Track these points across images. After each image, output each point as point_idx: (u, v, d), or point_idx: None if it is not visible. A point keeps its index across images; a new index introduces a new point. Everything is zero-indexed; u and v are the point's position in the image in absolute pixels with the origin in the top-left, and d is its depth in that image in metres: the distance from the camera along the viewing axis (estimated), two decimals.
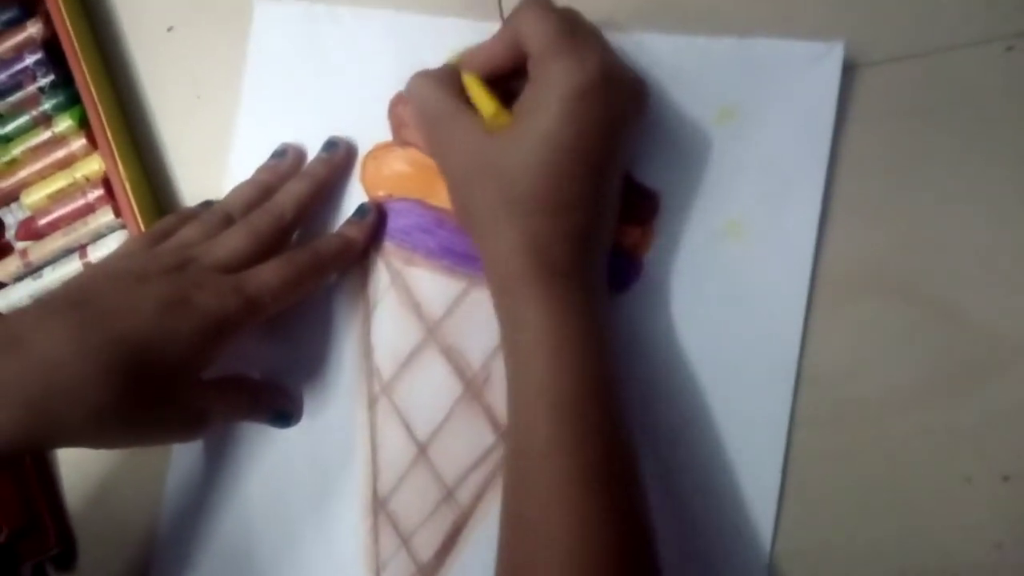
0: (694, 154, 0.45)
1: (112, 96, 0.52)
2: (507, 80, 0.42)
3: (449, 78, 0.43)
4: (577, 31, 0.39)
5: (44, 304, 0.40)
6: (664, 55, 0.45)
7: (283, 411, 0.48)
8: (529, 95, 0.40)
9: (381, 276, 0.48)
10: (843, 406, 0.43)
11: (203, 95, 0.52)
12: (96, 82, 0.50)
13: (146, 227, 0.48)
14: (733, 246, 0.44)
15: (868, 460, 0.43)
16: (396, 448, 0.47)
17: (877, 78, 0.44)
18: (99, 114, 0.49)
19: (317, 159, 0.48)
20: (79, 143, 0.50)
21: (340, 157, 0.48)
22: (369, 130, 0.48)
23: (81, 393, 0.37)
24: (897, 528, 0.42)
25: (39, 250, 0.51)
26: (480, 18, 0.47)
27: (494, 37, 0.42)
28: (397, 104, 0.48)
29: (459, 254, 0.46)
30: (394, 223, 0.48)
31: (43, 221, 0.51)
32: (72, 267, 0.49)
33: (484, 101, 0.42)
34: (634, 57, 0.44)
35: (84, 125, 0.50)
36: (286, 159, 0.48)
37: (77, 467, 0.52)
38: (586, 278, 0.40)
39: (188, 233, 0.44)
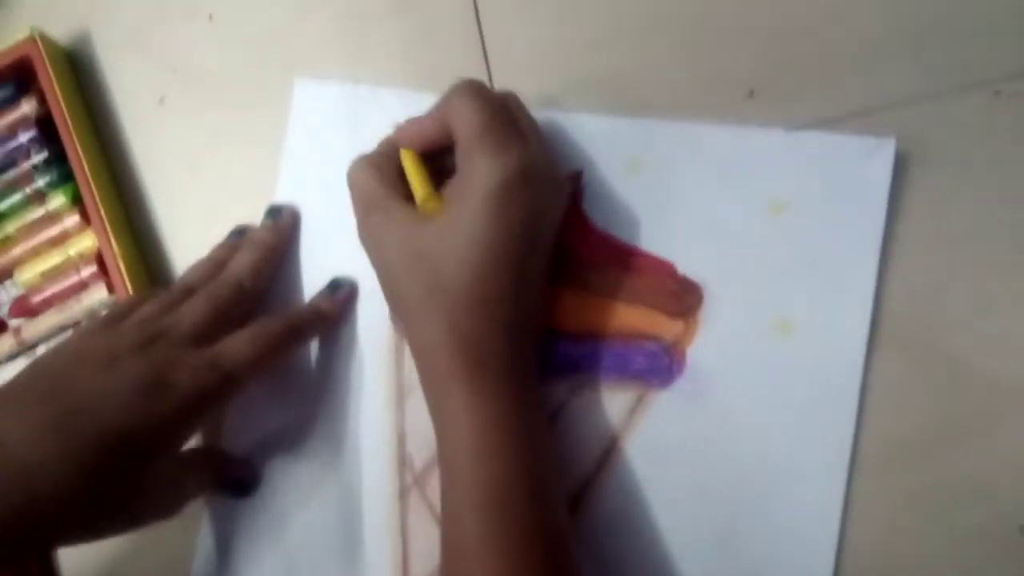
0: (742, 247, 0.44)
1: (105, 172, 0.52)
2: (446, 153, 0.42)
3: (387, 161, 0.43)
4: (502, 125, 0.39)
5: (14, 397, 0.39)
6: (713, 143, 0.45)
7: (243, 481, 0.47)
8: (455, 186, 0.40)
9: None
10: (897, 510, 0.42)
11: (195, 166, 0.52)
12: (89, 158, 0.50)
13: None
14: (782, 344, 0.43)
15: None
16: (427, 542, 0.46)
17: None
18: (92, 191, 0.49)
19: (262, 227, 0.48)
20: (72, 220, 0.50)
21: (284, 223, 0.49)
22: None
23: (63, 496, 0.36)
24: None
25: (33, 328, 0.51)
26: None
27: (429, 113, 0.42)
28: None
29: None
30: None
31: (37, 298, 0.51)
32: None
33: (416, 184, 0.42)
34: (684, 146, 0.45)
35: (77, 202, 0.50)
36: (244, 237, 0.48)
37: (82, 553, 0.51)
38: (514, 373, 0.39)
39: (148, 309, 0.43)
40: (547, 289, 0.45)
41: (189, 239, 0.51)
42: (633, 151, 0.46)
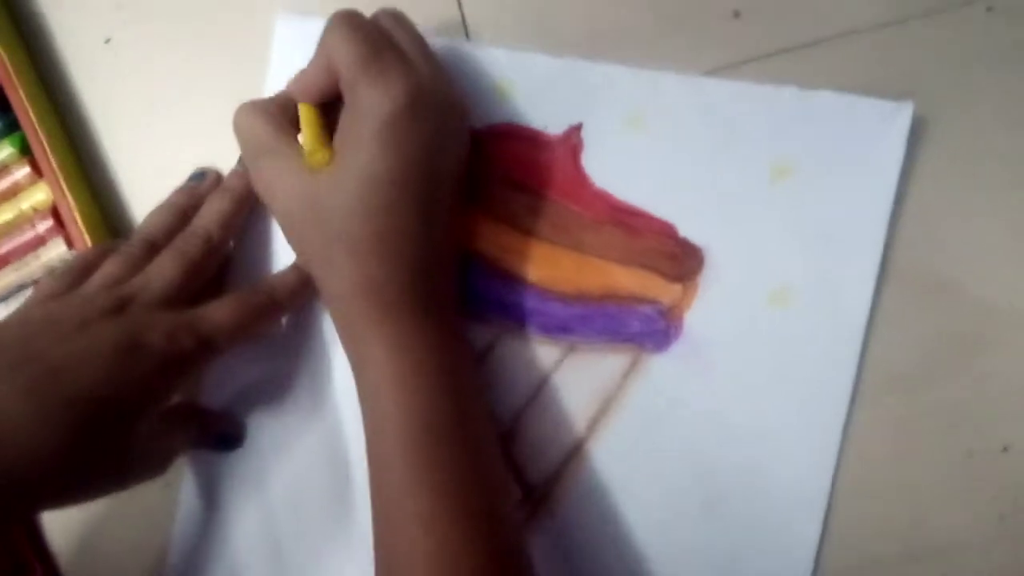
0: (744, 211, 0.43)
1: (54, 120, 0.48)
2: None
3: (279, 108, 0.41)
4: (379, 52, 0.37)
5: None
6: (720, 100, 0.43)
7: (227, 435, 0.46)
8: (343, 127, 0.38)
9: None
10: (888, 499, 0.43)
11: (150, 109, 0.49)
12: (35, 106, 0.46)
13: None
14: (780, 313, 0.42)
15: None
16: None
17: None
18: (41, 140, 0.45)
19: (233, 173, 0.46)
20: (23, 172, 0.47)
21: None
22: None
23: (42, 462, 0.35)
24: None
25: None
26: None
27: (312, 60, 0.40)
28: None
29: (490, 302, 0.45)
30: None
31: None
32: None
33: (305, 136, 0.40)
34: (691, 101, 0.43)
35: (26, 152, 0.47)
36: (204, 181, 0.46)
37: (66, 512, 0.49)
38: (429, 312, 0.39)
39: (112, 269, 0.42)
40: (461, 218, 0.44)
41: (148, 188, 0.48)
42: (636, 104, 0.44)
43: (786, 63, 0.43)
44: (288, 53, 0.46)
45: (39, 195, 0.47)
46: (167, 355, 0.38)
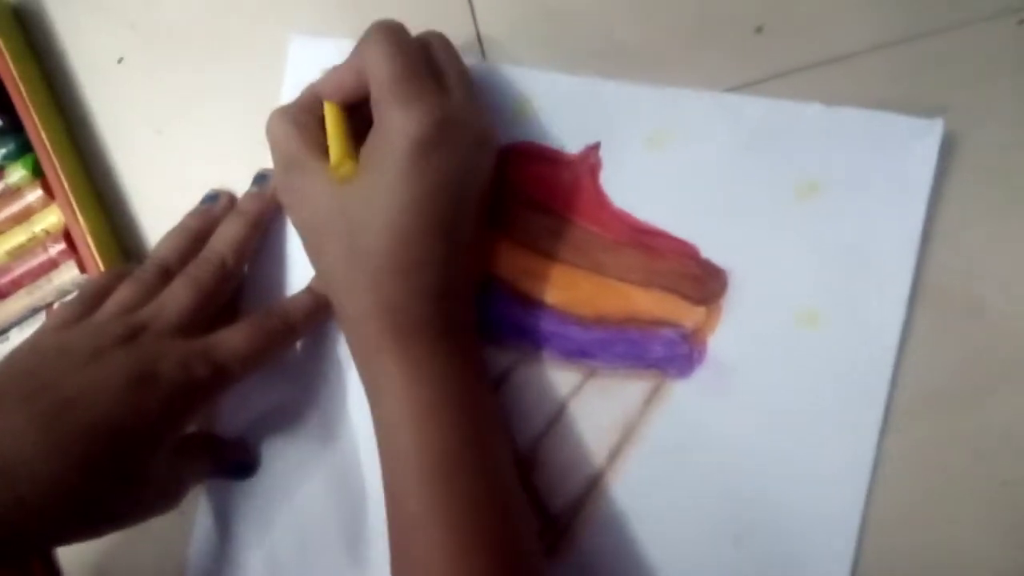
0: (769, 230, 0.42)
1: (66, 141, 0.48)
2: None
3: (306, 113, 0.40)
4: (416, 74, 0.37)
5: None
6: (743, 117, 0.42)
7: (242, 464, 0.46)
8: (371, 144, 0.38)
9: None
10: (920, 530, 0.41)
11: (163, 130, 0.48)
12: (47, 127, 0.46)
13: None
14: (808, 336, 0.41)
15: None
16: None
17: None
18: (53, 162, 0.45)
19: (248, 196, 0.45)
20: (35, 194, 0.47)
21: (271, 191, 0.45)
22: None
23: (57, 496, 0.34)
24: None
25: (3, 311, 0.47)
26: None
27: (346, 62, 0.39)
28: None
29: (507, 326, 0.44)
30: None
31: (4, 279, 0.47)
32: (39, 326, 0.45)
33: (332, 145, 0.39)
34: (712, 118, 0.42)
35: (39, 175, 0.47)
36: (217, 204, 0.46)
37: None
38: (447, 339, 0.38)
39: (125, 295, 0.41)
40: (482, 243, 0.43)
41: (161, 209, 0.47)
42: (656, 123, 0.42)
43: (811, 79, 0.42)
44: (302, 73, 0.46)
45: (51, 218, 0.47)
46: (181, 385, 0.37)
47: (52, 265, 0.47)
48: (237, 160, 0.46)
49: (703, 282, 0.42)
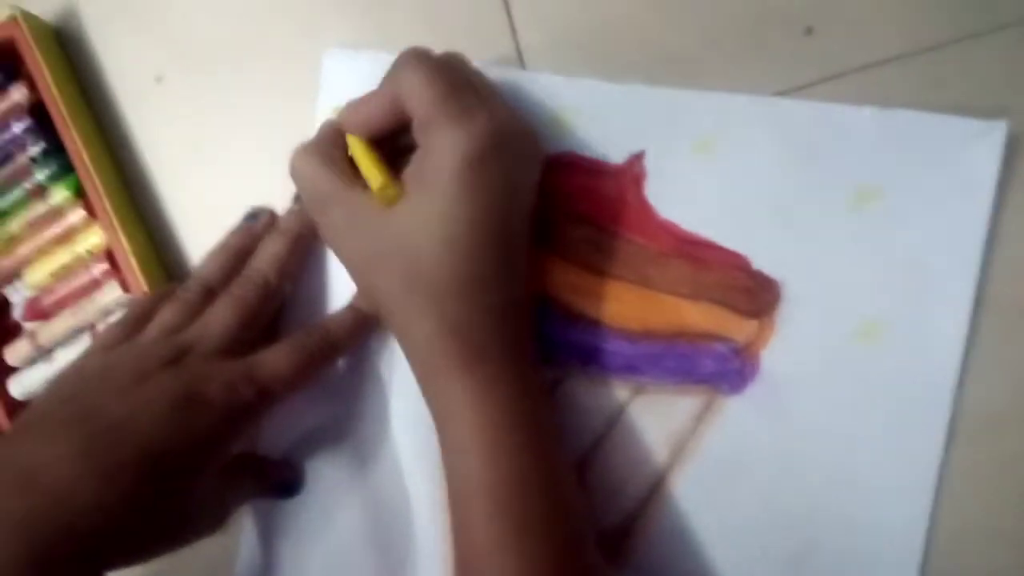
0: (824, 240, 0.40)
1: (108, 161, 0.48)
2: (396, 135, 0.39)
3: (331, 148, 0.40)
4: (460, 90, 0.36)
5: (40, 423, 0.36)
6: (794, 122, 0.41)
7: (287, 483, 0.45)
8: (418, 166, 0.37)
9: None
10: (988, 548, 0.40)
11: (203, 148, 0.48)
12: (89, 147, 0.46)
13: None
14: (868, 350, 0.40)
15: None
16: None
17: None
18: (95, 183, 0.45)
19: (289, 213, 0.45)
20: (78, 215, 0.47)
21: None
22: None
23: (102, 523, 0.34)
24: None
25: (48, 331, 0.47)
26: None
27: (375, 93, 0.39)
28: None
29: (552, 341, 0.43)
30: None
31: (49, 300, 0.47)
32: (84, 347, 0.46)
33: (371, 172, 0.38)
34: (762, 124, 0.41)
35: (81, 195, 0.47)
36: (259, 221, 0.45)
37: None
38: (513, 358, 0.37)
39: (169, 317, 0.41)
40: (535, 257, 0.42)
41: (203, 228, 0.48)
42: (703, 129, 0.41)
43: (864, 81, 0.41)
44: (336, 88, 0.45)
45: (94, 238, 0.47)
46: (226, 407, 0.37)
47: (95, 285, 0.47)
48: (278, 176, 0.44)
49: (755, 294, 0.41)
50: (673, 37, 0.43)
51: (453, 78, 0.37)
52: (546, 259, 0.43)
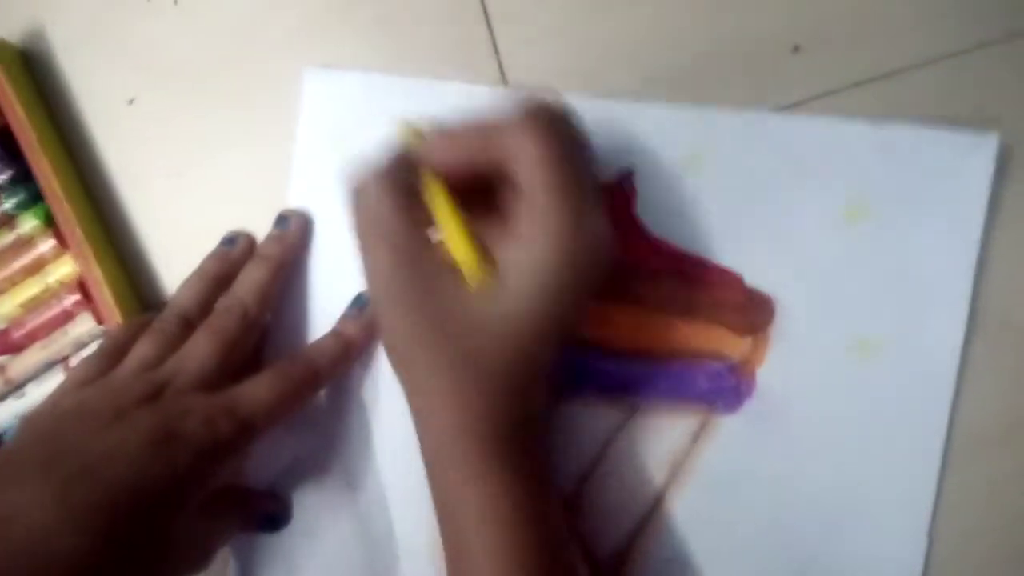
0: (817, 255, 0.40)
1: (78, 188, 0.47)
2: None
3: (409, 184, 0.35)
4: (581, 180, 0.33)
5: (13, 466, 0.35)
6: (786, 136, 0.40)
7: (273, 515, 0.44)
8: (514, 248, 0.34)
9: None
10: (985, 567, 0.40)
11: (177, 172, 0.47)
12: (59, 175, 0.44)
13: None
14: (863, 365, 0.39)
15: None
16: None
17: None
18: (65, 211, 0.44)
19: (269, 239, 0.44)
20: (48, 244, 0.45)
21: (293, 233, 0.44)
22: None
23: (84, 567, 0.32)
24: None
25: (18, 365, 0.46)
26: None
27: (471, 132, 0.35)
28: None
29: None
30: None
31: (19, 333, 0.46)
32: (56, 382, 0.45)
33: (462, 247, 0.34)
34: (753, 140, 0.40)
35: (51, 224, 0.45)
36: (237, 246, 0.44)
37: None
38: (530, 464, 0.36)
39: (145, 350, 0.40)
40: None
41: (178, 255, 0.46)
42: (694, 146, 0.41)
43: (853, 99, 0.40)
44: (318, 108, 0.45)
45: (65, 268, 0.45)
46: (206, 443, 0.36)
47: (68, 317, 0.45)
48: (254, 201, 0.45)
49: (749, 311, 0.40)
50: (659, 58, 0.42)
51: (575, 159, 0.34)
52: None
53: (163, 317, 0.41)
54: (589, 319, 0.41)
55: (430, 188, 0.35)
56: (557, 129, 0.34)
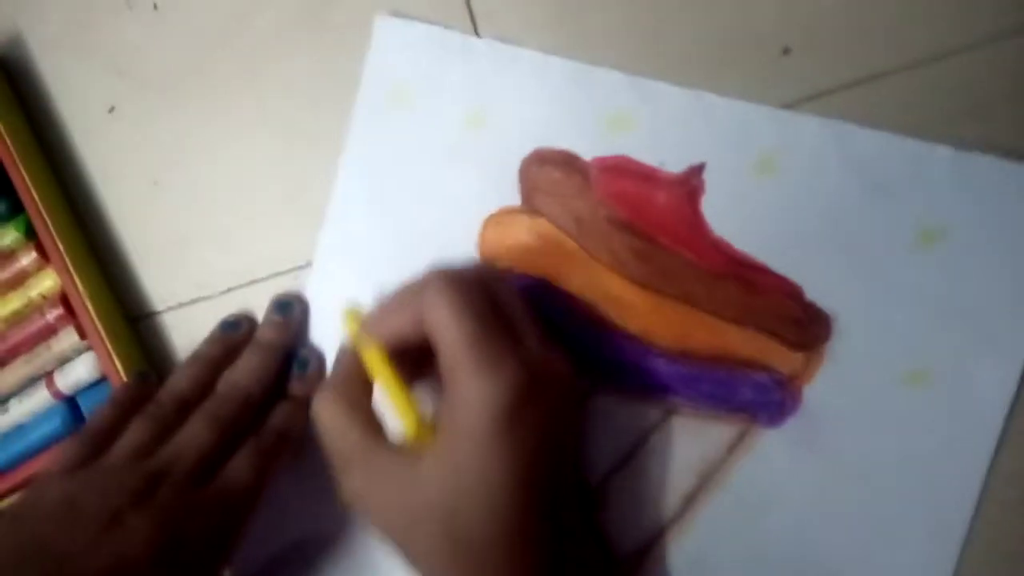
0: (883, 277, 0.38)
1: (59, 199, 0.46)
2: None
3: (356, 390, 0.36)
4: (491, 332, 0.33)
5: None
6: (865, 151, 0.38)
7: None
8: (449, 416, 0.33)
9: None
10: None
11: (159, 181, 0.46)
12: (39, 186, 0.44)
13: (115, 349, 0.43)
14: (915, 395, 0.38)
15: None
16: None
17: None
18: (46, 224, 0.43)
19: (271, 324, 0.43)
20: (30, 257, 0.44)
21: (296, 321, 0.44)
22: (495, 188, 0.42)
23: None
24: None
25: (1, 381, 0.45)
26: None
27: (400, 307, 0.35)
28: (532, 164, 0.42)
29: (586, 351, 0.41)
30: None
31: (1, 347, 0.45)
32: (39, 397, 0.45)
33: (403, 410, 0.35)
34: (832, 148, 0.39)
35: (32, 235, 0.44)
36: (239, 331, 0.44)
37: None
38: None
39: (139, 435, 0.38)
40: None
41: (161, 267, 0.46)
42: (769, 147, 0.39)
43: (843, 101, 0.39)
44: (384, 60, 0.43)
45: (47, 281, 0.45)
46: (208, 543, 0.36)
47: (51, 331, 0.44)
48: (234, 212, 0.45)
49: (805, 326, 0.39)
50: (646, 59, 0.41)
51: (483, 316, 0.33)
52: (583, 264, 0.41)
53: (159, 400, 0.40)
54: (638, 311, 0.41)
55: (378, 371, 0.36)
56: (456, 285, 0.34)
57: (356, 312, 0.38)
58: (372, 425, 0.36)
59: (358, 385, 0.37)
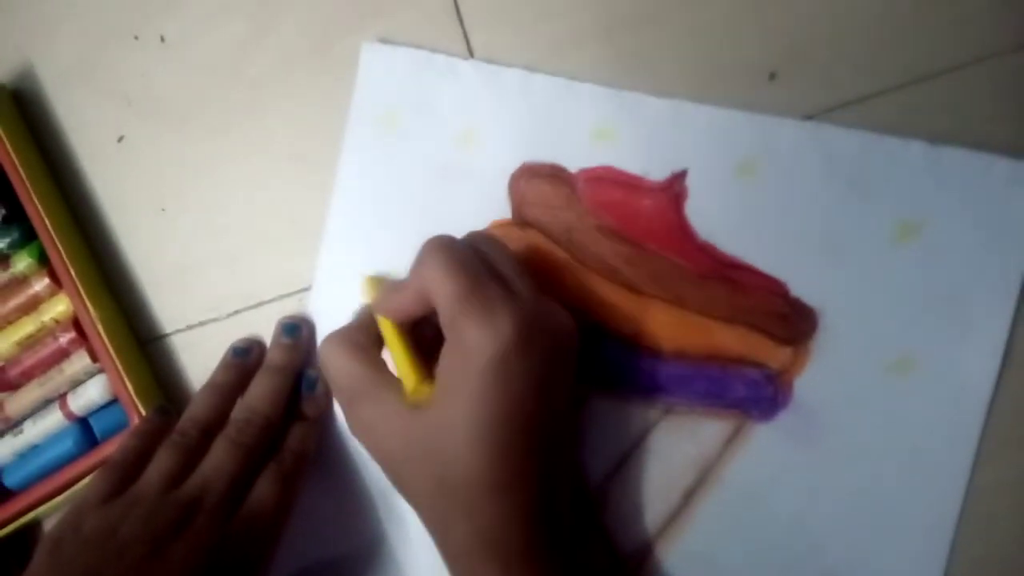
0: (865, 270, 0.39)
1: (70, 226, 0.47)
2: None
3: (363, 335, 0.39)
4: (483, 285, 0.35)
5: None
6: (842, 150, 0.40)
7: None
8: (446, 364, 0.35)
9: None
10: (1004, 563, 0.40)
11: (168, 208, 0.47)
12: (51, 214, 0.44)
13: (126, 371, 0.44)
14: (901, 383, 0.39)
15: None
16: None
17: None
18: (58, 250, 0.44)
19: (280, 347, 0.44)
20: (42, 283, 0.45)
21: (305, 341, 0.44)
22: (487, 203, 0.43)
23: None
24: None
25: (15, 403, 0.46)
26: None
27: (406, 282, 0.38)
28: (520, 178, 0.43)
29: (580, 355, 0.40)
30: None
31: (15, 371, 0.46)
32: (53, 419, 0.45)
33: (404, 370, 0.37)
34: (809, 150, 0.40)
35: (45, 261, 0.45)
36: (251, 356, 0.44)
37: None
38: (550, 556, 0.35)
39: (168, 464, 0.39)
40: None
41: (170, 291, 0.47)
42: (749, 150, 0.40)
43: (833, 122, 0.40)
44: (372, 85, 0.44)
45: (60, 306, 0.45)
46: (242, 568, 0.37)
47: (63, 355, 0.45)
48: (241, 236, 0.46)
49: (791, 321, 0.40)
50: (636, 84, 0.42)
51: (475, 270, 0.35)
52: (576, 273, 0.42)
53: (181, 428, 0.41)
54: (630, 316, 0.42)
55: (385, 334, 0.39)
56: (449, 248, 0.36)
57: (377, 280, 0.41)
58: (377, 366, 0.38)
59: (365, 335, 0.39)
